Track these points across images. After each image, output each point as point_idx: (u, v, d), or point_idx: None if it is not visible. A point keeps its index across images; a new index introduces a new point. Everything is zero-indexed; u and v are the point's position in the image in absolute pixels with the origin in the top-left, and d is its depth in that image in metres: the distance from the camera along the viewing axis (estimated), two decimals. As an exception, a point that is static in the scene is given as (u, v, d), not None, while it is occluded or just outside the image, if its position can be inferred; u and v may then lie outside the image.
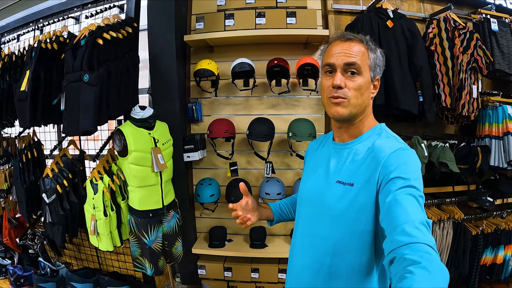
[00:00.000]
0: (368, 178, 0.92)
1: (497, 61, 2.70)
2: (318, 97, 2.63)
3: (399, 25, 2.37)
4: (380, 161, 0.90)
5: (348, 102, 0.95)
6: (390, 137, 0.99)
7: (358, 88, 0.96)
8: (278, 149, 2.65)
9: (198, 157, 2.49)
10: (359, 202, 0.93)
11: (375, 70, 0.99)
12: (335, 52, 0.97)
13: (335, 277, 0.99)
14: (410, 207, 0.79)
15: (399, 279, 0.65)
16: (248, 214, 1.16)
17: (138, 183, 2.12)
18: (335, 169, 1.02)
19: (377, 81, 1.02)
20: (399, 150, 0.91)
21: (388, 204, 0.82)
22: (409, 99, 2.23)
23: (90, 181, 2.21)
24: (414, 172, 0.87)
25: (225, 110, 2.69)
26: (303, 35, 2.42)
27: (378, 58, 1.00)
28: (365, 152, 0.97)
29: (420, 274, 0.63)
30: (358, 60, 0.95)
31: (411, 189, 0.82)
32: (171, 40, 2.42)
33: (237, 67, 2.39)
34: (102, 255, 2.74)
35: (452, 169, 2.42)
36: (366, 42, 0.99)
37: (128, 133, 2.09)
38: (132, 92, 2.44)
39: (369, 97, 1.01)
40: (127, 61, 2.40)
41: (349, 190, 0.95)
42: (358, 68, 0.95)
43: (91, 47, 2.03)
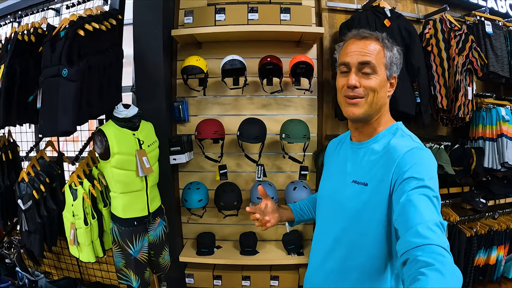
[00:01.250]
0: (382, 178, 0.89)
1: (491, 63, 2.61)
2: (311, 97, 2.48)
3: (396, 24, 2.25)
4: (394, 160, 0.87)
5: (364, 102, 0.93)
6: (405, 136, 0.95)
7: (373, 87, 0.93)
8: (269, 151, 2.48)
9: (185, 159, 2.29)
10: (372, 202, 0.91)
11: (391, 69, 0.96)
12: (350, 51, 0.95)
13: (349, 276, 0.97)
14: (423, 208, 0.76)
15: (412, 281, 0.64)
16: (267, 216, 1.14)
17: (122, 189, 1.92)
18: (351, 169, 1.00)
19: (394, 79, 0.98)
20: (413, 150, 0.87)
21: (402, 204, 0.79)
22: (407, 100, 2.10)
23: (69, 186, 2.01)
24: (428, 172, 0.83)
25: (214, 110, 2.49)
26: (297, 32, 2.25)
27: (394, 56, 0.96)
28: (380, 152, 0.94)
29: (433, 276, 0.62)
30: (373, 59, 0.92)
31: (425, 189, 0.79)
32: (158, 35, 2.22)
33: (228, 64, 2.20)
34: (84, 265, 2.54)
35: (447, 171, 2.32)
36: (382, 39, 0.96)
37: (110, 133, 1.89)
38: (115, 89, 2.25)
39: (385, 96, 0.97)
40: (111, 56, 2.21)
41: (363, 190, 0.93)
42: (373, 67, 0.92)
43: (71, 39, 1.84)
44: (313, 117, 2.49)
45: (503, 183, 2.91)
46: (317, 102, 2.48)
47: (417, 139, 0.95)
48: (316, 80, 2.46)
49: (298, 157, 2.37)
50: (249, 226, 2.54)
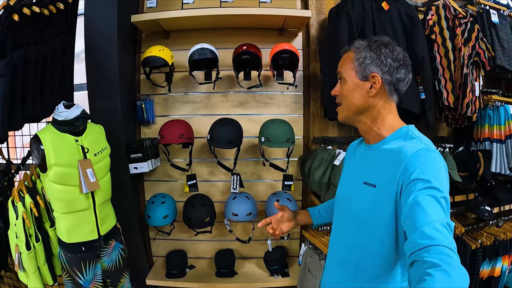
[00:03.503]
0: (390, 179, 0.86)
1: (498, 56, 2.21)
2: (296, 93, 2.05)
3: (396, 8, 1.83)
4: (401, 162, 0.83)
5: (341, 107, 0.99)
6: (415, 137, 0.90)
7: (344, 92, 0.97)
8: (248, 156, 2.04)
9: (148, 168, 1.84)
10: (380, 203, 0.88)
11: (364, 69, 0.93)
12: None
13: (360, 277, 0.95)
14: (430, 208, 0.73)
15: (418, 282, 0.62)
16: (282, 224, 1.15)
17: (64, 208, 1.52)
18: (363, 171, 0.97)
19: (374, 77, 0.93)
20: (421, 151, 0.83)
21: (409, 205, 0.76)
22: (410, 96, 1.68)
23: (11, 202, 1.61)
24: (436, 173, 0.79)
25: (183, 109, 2.04)
26: (279, 16, 1.81)
27: (367, 55, 0.93)
28: (389, 154, 0.90)
29: (439, 277, 0.59)
30: (341, 67, 0.99)
31: (432, 191, 0.75)
32: (112, 20, 1.77)
33: (196, 54, 1.75)
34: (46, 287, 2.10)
35: (453, 178, 1.91)
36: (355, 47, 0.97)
37: (47, 140, 1.48)
38: (60, 86, 1.79)
39: (361, 98, 0.95)
40: (55, 46, 1.76)
41: (372, 191, 0.90)
42: (340, 75, 0.98)
43: (4, 26, 1.51)
44: (298, 116, 2.05)
45: (507, 187, 2.53)
46: (303, 99, 2.05)
47: (427, 140, 0.90)
48: (302, 74, 2.02)
49: (281, 164, 1.93)
50: (225, 243, 2.11)
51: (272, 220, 1.14)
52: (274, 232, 1.12)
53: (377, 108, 0.94)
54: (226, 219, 1.90)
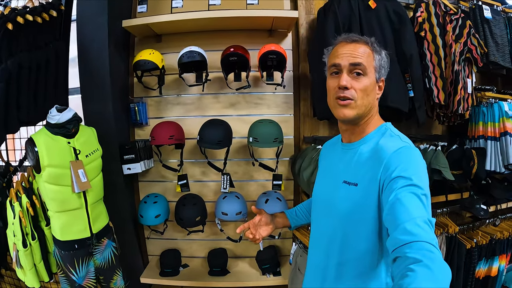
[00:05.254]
0: (371, 178, 0.85)
1: (491, 52, 2.15)
2: (286, 93, 2.02)
3: (383, 6, 1.80)
4: (382, 160, 0.83)
5: (355, 103, 0.89)
6: (394, 136, 0.91)
7: (364, 89, 0.89)
8: (238, 156, 2.03)
9: (141, 168, 1.85)
10: (363, 202, 0.86)
11: (380, 71, 0.92)
12: (341, 53, 0.91)
13: (344, 276, 0.93)
14: (411, 205, 0.72)
15: (401, 277, 0.61)
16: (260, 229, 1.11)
17: (57, 207, 1.57)
18: (342, 170, 0.96)
19: (382, 82, 0.94)
20: (401, 149, 0.83)
21: (390, 203, 0.75)
22: (398, 94, 1.65)
23: (9, 201, 1.67)
24: (416, 171, 0.79)
25: (175, 111, 2.04)
26: (267, 17, 1.80)
27: (383, 59, 0.93)
28: (369, 152, 0.90)
29: (421, 272, 0.59)
30: (364, 61, 0.89)
31: (413, 188, 0.75)
32: (102, 25, 1.78)
33: (185, 57, 1.76)
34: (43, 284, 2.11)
35: (446, 177, 1.85)
36: (371, 43, 0.93)
37: (41, 143, 1.52)
38: (54, 91, 1.82)
39: (375, 98, 0.93)
40: (49, 53, 1.80)
41: (354, 190, 0.89)
42: (363, 69, 0.89)
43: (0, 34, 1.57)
44: (288, 116, 2.04)
45: (504, 185, 2.45)
46: (293, 99, 2.03)
47: (406, 138, 0.90)
48: (292, 74, 2.01)
49: (271, 164, 1.92)
50: (218, 242, 2.10)
51: (250, 225, 1.10)
52: (254, 237, 1.08)
53: (375, 109, 0.95)
54: (217, 219, 1.89)
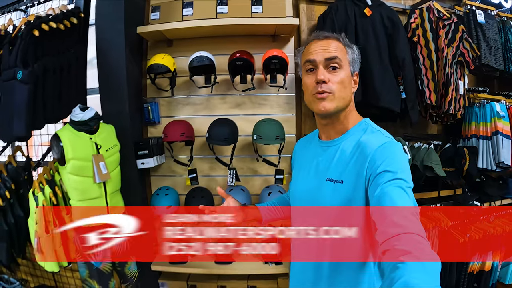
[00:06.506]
0: (357, 174, 0.87)
1: (484, 55, 2.29)
2: (288, 94, 2.18)
3: (378, 13, 1.95)
4: (367, 156, 0.86)
5: (333, 96, 0.90)
6: (375, 131, 0.93)
7: (341, 81, 0.91)
8: (243, 153, 2.18)
9: (153, 163, 2.02)
10: (350, 199, 0.88)
11: (353, 65, 0.95)
12: (314, 50, 0.93)
13: (337, 273, 0.93)
14: (398, 198, 0.75)
15: (392, 270, 0.62)
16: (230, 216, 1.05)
17: (79, 196, 1.73)
18: (324, 168, 0.96)
19: (356, 76, 0.97)
20: (385, 144, 0.86)
21: (377, 197, 0.78)
22: (390, 95, 1.80)
23: (32, 193, 1.81)
24: (401, 165, 0.83)
25: (185, 110, 2.21)
26: (270, 24, 1.96)
27: (355, 53, 0.96)
28: (352, 149, 0.91)
29: (411, 264, 0.60)
30: (338, 54, 0.91)
31: (399, 181, 0.78)
32: (120, 31, 1.94)
33: (195, 61, 1.92)
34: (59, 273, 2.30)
35: (438, 173, 2.00)
36: (343, 39, 0.96)
37: (65, 138, 1.70)
38: (75, 92, 2.00)
39: (351, 92, 0.95)
40: (70, 56, 1.99)
41: (340, 187, 0.90)
42: (339, 62, 0.91)
43: (26, 40, 1.71)
44: (291, 116, 2.19)
45: (499, 184, 2.59)
46: (294, 100, 2.18)
47: (388, 133, 0.92)
48: (294, 77, 2.16)
49: (274, 160, 2.08)
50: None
51: (217, 209, 1.06)
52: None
53: (352, 103, 0.97)
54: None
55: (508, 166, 2.25)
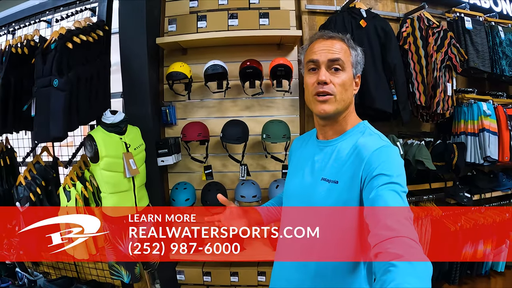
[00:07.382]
0: (352, 175, 0.87)
1: (471, 58, 2.51)
2: (293, 98, 2.42)
3: (373, 24, 2.18)
4: (364, 158, 0.86)
5: (334, 98, 0.90)
6: (373, 134, 0.94)
7: (343, 83, 0.91)
8: (253, 151, 2.43)
9: (172, 161, 2.27)
10: (344, 199, 0.88)
11: (356, 67, 0.95)
12: (318, 49, 0.92)
13: (323, 274, 0.93)
14: (392, 202, 0.76)
15: (383, 273, 0.63)
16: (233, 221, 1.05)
17: (111, 189, 1.96)
18: (319, 167, 0.96)
19: (358, 78, 0.97)
20: (382, 148, 0.87)
21: (372, 200, 0.79)
22: (383, 98, 2.03)
23: (63, 188, 2.02)
24: (397, 169, 0.83)
25: (199, 113, 2.46)
26: (276, 35, 2.21)
27: (359, 55, 0.96)
28: (349, 150, 0.91)
29: (403, 267, 0.61)
30: (342, 56, 0.91)
31: (394, 185, 0.79)
32: (142, 43, 2.19)
33: (210, 69, 2.17)
34: (80, 264, 2.53)
35: (428, 167, 2.23)
36: (347, 40, 0.95)
37: (99, 138, 1.93)
38: (103, 97, 2.24)
39: (352, 94, 0.96)
40: (98, 65, 2.22)
41: (334, 188, 0.90)
42: (342, 64, 0.91)
43: (61, 52, 1.89)
44: (295, 117, 2.43)
45: (489, 177, 2.79)
46: (298, 102, 2.43)
47: (385, 137, 0.94)
48: (298, 82, 2.41)
49: (280, 156, 2.32)
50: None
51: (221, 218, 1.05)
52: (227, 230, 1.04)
53: (352, 105, 0.98)
54: (236, 201, 2.30)
55: (495, 160, 2.47)
